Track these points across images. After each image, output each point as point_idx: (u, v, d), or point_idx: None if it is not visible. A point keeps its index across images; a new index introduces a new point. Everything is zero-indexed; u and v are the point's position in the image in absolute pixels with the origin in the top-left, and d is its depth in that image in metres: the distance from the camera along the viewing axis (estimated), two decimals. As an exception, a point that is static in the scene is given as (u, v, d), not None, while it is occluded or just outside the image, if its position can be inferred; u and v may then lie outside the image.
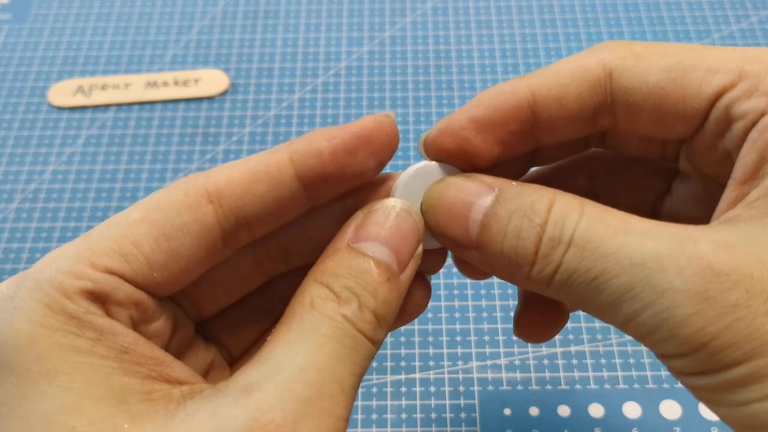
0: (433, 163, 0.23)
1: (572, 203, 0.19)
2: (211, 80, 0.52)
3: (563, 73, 0.21)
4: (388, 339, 0.40)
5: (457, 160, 0.23)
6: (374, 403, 0.38)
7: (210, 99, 0.51)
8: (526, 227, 0.19)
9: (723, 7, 0.55)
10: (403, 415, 0.37)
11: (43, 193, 0.47)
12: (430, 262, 0.23)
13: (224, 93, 0.51)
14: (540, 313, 0.26)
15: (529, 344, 0.39)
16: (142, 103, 0.51)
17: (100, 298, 0.18)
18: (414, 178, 0.22)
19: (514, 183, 0.20)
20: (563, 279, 0.18)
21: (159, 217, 0.19)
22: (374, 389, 0.38)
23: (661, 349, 0.17)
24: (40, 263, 0.18)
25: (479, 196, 0.20)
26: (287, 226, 0.22)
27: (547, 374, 0.38)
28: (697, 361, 0.17)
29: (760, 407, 0.16)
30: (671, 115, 0.20)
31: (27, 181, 0.47)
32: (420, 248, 0.21)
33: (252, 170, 0.20)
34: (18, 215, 0.46)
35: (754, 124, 0.19)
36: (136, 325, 0.19)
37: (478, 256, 0.20)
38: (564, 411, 0.37)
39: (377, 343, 0.20)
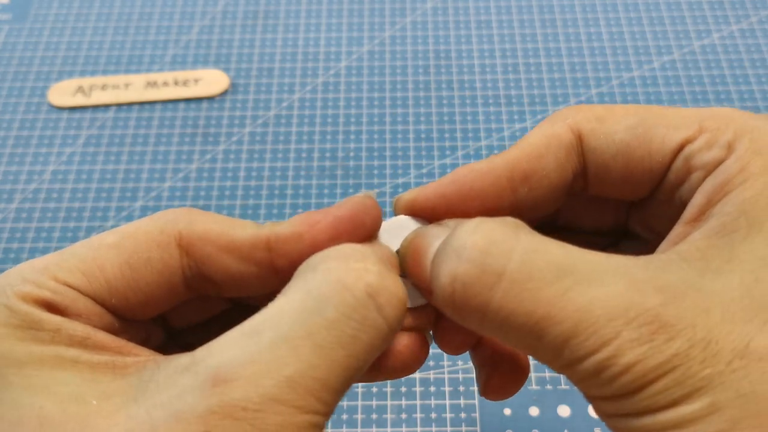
0: (403, 217, 0.22)
1: (504, 229, 0.18)
2: (211, 80, 0.52)
3: (538, 144, 0.21)
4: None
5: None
6: (374, 403, 0.38)
7: (210, 99, 0.51)
8: (445, 256, 0.18)
9: (723, 7, 0.55)
10: (403, 415, 0.37)
11: (43, 193, 0.47)
12: (419, 319, 0.22)
13: (224, 93, 0.51)
14: (499, 373, 0.24)
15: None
16: (142, 103, 0.51)
17: (57, 309, 0.18)
18: (384, 233, 0.22)
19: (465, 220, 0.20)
20: (500, 317, 0.17)
21: (129, 246, 0.19)
22: (374, 389, 0.38)
23: (596, 393, 0.18)
24: (11, 271, 0.19)
25: (437, 238, 0.20)
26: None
27: (547, 374, 0.38)
28: (629, 405, 0.17)
29: None
30: (638, 171, 0.21)
31: (27, 181, 0.47)
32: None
33: (228, 240, 0.20)
34: (18, 215, 0.46)
35: (710, 172, 0.19)
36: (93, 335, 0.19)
37: (433, 300, 0.20)
38: (564, 411, 0.37)
39: (393, 331, 0.18)
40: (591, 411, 0.37)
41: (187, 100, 0.51)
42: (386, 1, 0.57)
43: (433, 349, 0.39)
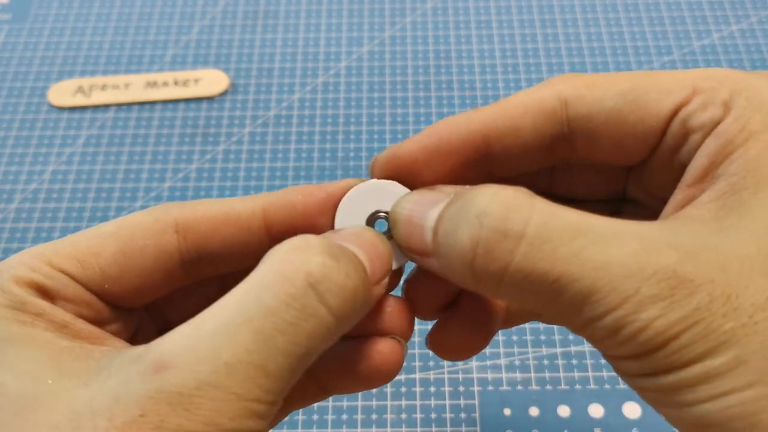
0: (382, 180, 0.22)
1: (520, 196, 0.18)
2: (211, 80, 0.52)
3: (517, 105, 0.21)
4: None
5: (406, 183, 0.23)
6: (374, 403, 0.38)
7: (210, 99, 0.51)
8: (464, 222, 0.18)
9: (723, 8, 0.55)
10: (403, 416, 0.37)
11: (43, 193, 0.47)
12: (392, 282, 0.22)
13: (224, 93, 0.51)
14: (464, 327, 0.24)
15: (529, 344, 0.39)
16: (141, 103, 0.51)
17: (48, 293, 0.19)
18: (361, 195, 0.22)
19: (469, 187, 0.20)
20: (518, 279, 0.18)
21: (125, 235, 0.20)
22: (374, 390, 0.38)
23: (616, 352, 0.18)
24: (13, 256, 0.20)
25: (435, 204, 0.20)
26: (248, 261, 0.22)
27: (547, 374, 0.38)
28: (652, 362, 0.17)
29: (710, 407, 0.17)
30: (630, 136, 0.21)
31: (27, 182, 0.47)
32: (387, 278, 0.21)
33: (224, 212, 0.21)
34: (18, 215, 0.46)
35: (709, 132, 0.19)
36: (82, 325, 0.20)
37: (437, 264, 0.20)
38: (564, 411, 0.37)
39: (340, 320, 0.18)
40: (591, 411, 0.37)
41: (187, 101, 0.51)
42: (386, 1, 0.57)
43: (433, 350, 0.39)
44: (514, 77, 0.52)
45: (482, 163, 0.22)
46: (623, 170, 0.24)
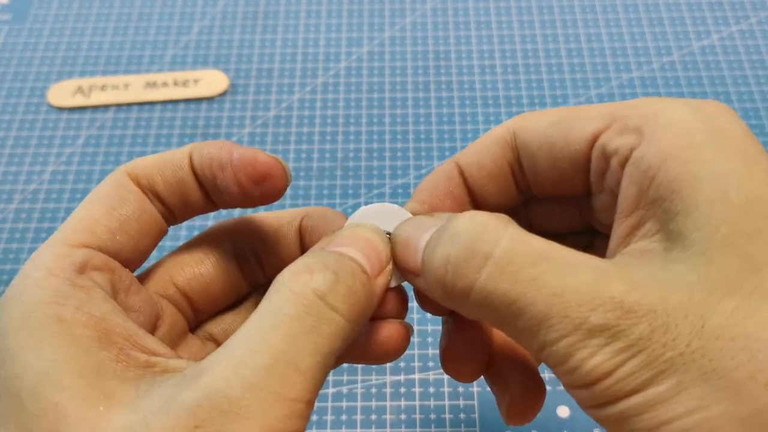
0: (386, 204, 0.25)
1: (494, 221, 0.20)
2: (211, 81, 0.52)
3: (479, 142, 0.25)
4: (388, 340, 0.40)
5: None
6: (373, 403, 0.38)
7: (209, 99, 0.51)
8: (441, 241, 0.20)
9: (723, 8, 0.55)
10: (403, 416, 0.37)
11: (42, 193, 0.47)
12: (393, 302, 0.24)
13: (224, 93, 0.51)
14: (520, 397, 0.25)
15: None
16: (141, 104, 0.51)
17: (80, 267, 0.21)
18: (369, 216, 0.24)
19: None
20: (483, 298, 0.19)
21: (101, 198, 0.23)
22: (373, 390, 0.38)
23: (569, 380, 0.18)
24: (32, 258, 0.21)
25: (429, 228, 0.22)
26: (257, 240, 0.26)
27: (546, 375, 0.38)
28: (600, 391, 0.18)
29: None
30: (560, 160, 0.23)
31: (26, 182, 0.47)
32: (390, 265, 0.23)
33: (162, 158, 0.24)
34: (17, 215, 0.46)
35: (627, 158, 0.20)
36: (116, 293, 0.22)
37: (423, 284, 0.22)
38: (564, 411, 0.37)
39: (353, 322, 0.20)
40: (590, 412, 0.37)
41: (187, 101, 0.51)
42: (386, 2, 0.57)
43: (433, 350, 0.39)
44: (514, 78, 0.52)
45: (469, 204, 0.25)
46: (578, 202, 0.25)
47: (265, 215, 0.26)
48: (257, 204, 0.24)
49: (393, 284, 0.23)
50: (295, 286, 0.19)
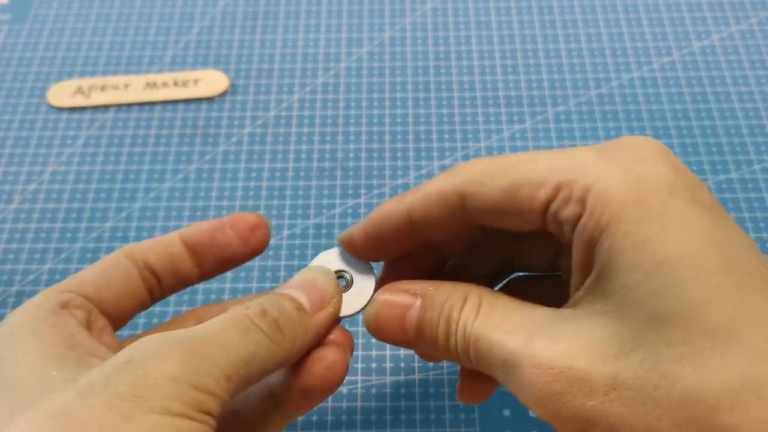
0: (340, 250, 0.29)
1: (474, 303, 0.24)
2: (211, 81, 0.52)
3: (429, 198, 0.26)
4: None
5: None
6: (373, 403, 0.38)
7: (209, 100, 0.51)
8: (447, 332, 0.24)
9: (723, 9, 0.55)
10: (403, 416, 0.37)
11: (42, 193, 0.47)
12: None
13: (224, 94, 0.51)
14: (476, 383, 0.30)
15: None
16: (141, 104, 0.51)
17: (63, 304, 0.26)
18: (330, 257, 0.29)
19: (430, 287, 0.25)
20: (478, 365, 0.24)
21: (95, 266, 0.28)
22: (373, 390, 0.38)
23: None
24: (41, 293, 0.26)
25: (407, 307, 0.25)
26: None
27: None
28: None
29: None
30: (518, 224, 0.24)
31: (26, 182, 0.47)
32: (336, 300, 0.26)
33: (154, 239, 0.29)
34: (17, 216, 0.46)
35: (575, 225, 0.22)
36: (90, 329, 0.26)
37: (419, 351, 0.26)
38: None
39: (277, 344, 0.23)
40: (590, 412, 0.37)
41: (187, 101, 0.51)
42: (386, 2, 0.57)
43: (433, 350, 0.39)
44: (514, 78, 0.52)
45: (410, 236, 0.27)
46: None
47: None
48: (249, 254, 0.28)
49: (349, 312, 0.27)
50: (232, 312, 0.23)
